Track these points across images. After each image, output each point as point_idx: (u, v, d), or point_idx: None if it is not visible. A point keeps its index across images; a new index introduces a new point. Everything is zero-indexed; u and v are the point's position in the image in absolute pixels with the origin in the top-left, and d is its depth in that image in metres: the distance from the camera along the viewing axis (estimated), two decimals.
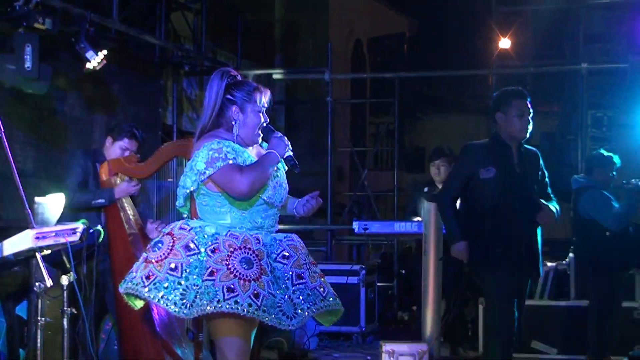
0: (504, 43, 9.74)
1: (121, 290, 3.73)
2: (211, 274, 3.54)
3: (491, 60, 10.13)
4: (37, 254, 4.54)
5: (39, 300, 4.79)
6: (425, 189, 7.62)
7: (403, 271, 10.85)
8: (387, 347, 7.41)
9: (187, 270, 3.58)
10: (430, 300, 7.39)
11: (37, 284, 4.53)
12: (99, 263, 5.37)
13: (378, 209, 12.65)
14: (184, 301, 3.52)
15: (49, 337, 5.34)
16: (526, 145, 5.55)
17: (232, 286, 3.50)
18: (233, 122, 3.82)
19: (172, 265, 3.58)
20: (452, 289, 7.52)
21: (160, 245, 3.67)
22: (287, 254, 3.74)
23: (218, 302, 3.48)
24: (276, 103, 13.05)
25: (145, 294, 3.58)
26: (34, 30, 6.56)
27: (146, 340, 5.55)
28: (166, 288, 3.54)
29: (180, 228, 3.70)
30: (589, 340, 7.16)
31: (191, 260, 3.60)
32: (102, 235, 5.28)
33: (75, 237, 4.72)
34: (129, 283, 3.66)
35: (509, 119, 5.36)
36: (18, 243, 4.48)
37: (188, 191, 3.79)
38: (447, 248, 7.54)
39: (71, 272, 4.75)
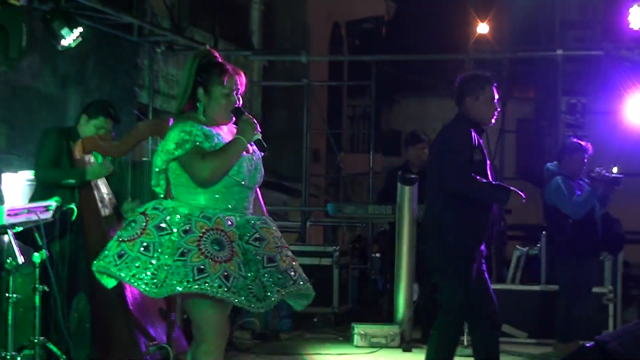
0: (482, 28, 9.76)
1: (93, 268, 3.73)
2: (182, 254, 3.55)
3: (468, 45, 10.15)
4: (9, 230, 4.53)
5: (11, 277, 4.78)
6: (400, 172, 7.65)
7: (377, 254, 10.90)
8: (359, 328, 7.47)
9: (159, 250, 3.59)
10: (403, 283, 7.44)
11: (8, 260, 4.53)
12: (72, 241, 5.34)
13: (353, 192, 12.70)
14: (155, 281, 3.55)
15: (20, 314, 5.34)
16: None
17: (203, 267, 3.52)
18: (197, 104, 3.84)
19: (145, 245, 3.60)
20: (425, 272, 7.57)
21: (133, 224, 3.68)
22: (259, 236, 3.75)
23: (188, 282, 3.49)
24: (253, 84, 13.04)
25: (117, 273, 3.60)
26: (9, 6, 6.49)
27: (118, 319, 5.55)
28: (137, 267, 3.57)
29: (154, 208, 3.70)
30: (557, 324, 7.25)
31: (163, 240, 3.61)
32: (75, 213, 5.25)
33: (48, 215, 4.72)
34: (102, 262, 3.68)
35: (480, 104, 5.24)
36: None
37: (158, 170, 3.80)
38: (420, 234, 7.61)
39: (43, 250, 4.74)
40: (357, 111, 16.76)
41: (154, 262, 3.57)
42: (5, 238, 5.93)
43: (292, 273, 3.76)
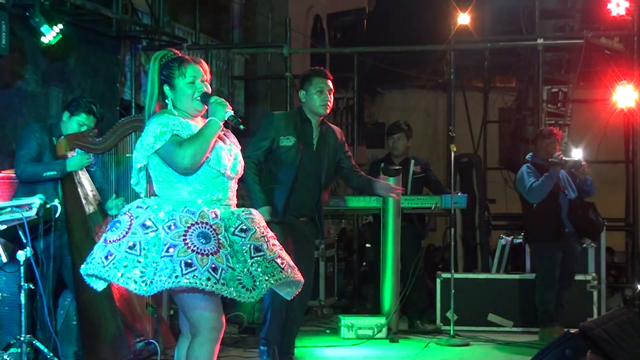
0: (463, 19, 9.75)
1: (82, 272, 3.74)
2: (168, 250, 3.56)
3: (450, 36, 10.16)
4: None
5: None
6: (382, 165, 7.67)
7: (368, 245, 10.88)
8: (346, 320, 7.49)
9: (146, 248, 3.60)
10: (389, 274, 7.46)
11: None
12: (57, 238, 5.33)
13: (337, 184, 12.68)
14: (144, 279, 3.55)
15: (6, 313, 5.33)
16: (329, 123, 5.95)
17: (190, 261, 3.52)
18: (166, 100, 3.89)
19: (131, 244, 3.61)
20: (410, 263, 7.60)
21: (118, 224, 3.69)
22: (245, 227, 3.77)
23: (176, 277, 3.49)
24: (235, 78, 13.00)
25: (105, 274, 3.61)
26: None
27: (105, 315, 5.54)
28: (125, 267, 3.58)
29: (137, 207, 3.72)
30: (538, 310, 7.35)
31: (149, 237, 3.62)
32: (59, 210, 5.23)
33: (32, 212, 4.70)
34: (89, 265, 3.68)
35: (309, 96, 5.74)
36: None
37: (139, 166, 3.81)
38: (405, 223, 7.64)
39: (28, 247, 4.72)
40: (340, 104, 16.74)
41: (141, 260, 3.58)
42: None
43: (280, 261, 3.78)
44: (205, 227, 3.64)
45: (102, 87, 8.96)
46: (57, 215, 5.19)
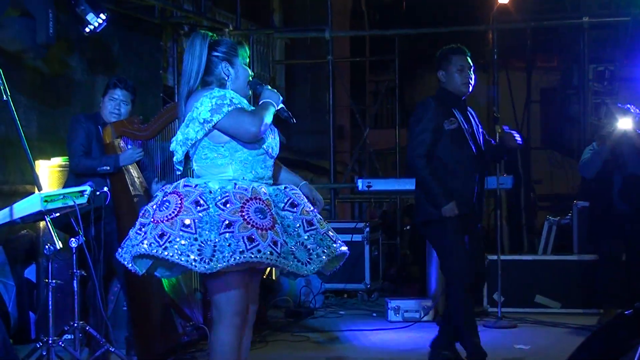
0: None
1: (126, 255, 3.63)
2: (228, 225, 3.52)
3: (490, 16, 10.06)
4: (45, 217, 4.56)
5: (49, 263, 4.82)
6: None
7: (407, 227, 10.87)
8: (392, 303, 7.49)
9: (200, 226, 3.55)
10: (435, 256, 7.44)
11: (47, 246, 4.56)
12: (106, 225, 5.38)
13: (379, 167, 12.67)
14: (202, 257, 3.48)
15: (60, 300, 5.40)
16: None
17: (252, 236, 3.50)
18: (226, 77, 3.85)
19: (187, 222, 3.55)
20: None
21: (167, 204, 3.62)
22: (294, 202, 3.76)
23: (241, 252, 3.46)
24: (277, 63, 12.99)
25: (162, 253, 3.50)
26: None
27: (155, 300, 5.60)
28: (183, 245, 3.50)
29: (185, 185, 3.67)
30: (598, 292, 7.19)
31: (202, 215, 3.57)
32: (108, 197, 5.29)
33: (83, 200, 4.74)
34: (141, 246, 3.55)
35: (449, 75, 5.46)
36: (28, 207, 4.50)
37: (192, 142, 3.74)
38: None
39: (80, 234, 4.78)
40: (381, 86, 16.65)
41: (197, 238, 3.51)
42: (42, 225, 6.03)
43: (331, 234, 3.77)
44: (259, 203, 3.61)
45: (146, 73, 9.00)
46: (107, 202, 5.24)
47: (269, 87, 3.91)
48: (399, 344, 6.53)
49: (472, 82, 5.47)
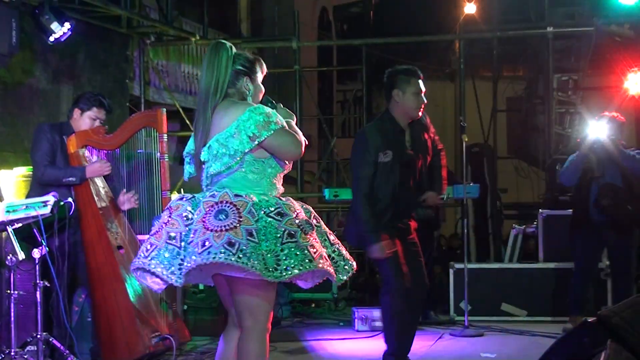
0: (470, 8, 9.73)
1: (192, 262, 3.47)
2: (290, 235, 3.53)
3: (457, 26, 10.13)
4: (7, 227, 4.52)
5: (12, 274, 4.77)
6: None
7: None
8: (360, 312, 7.49)
9: (258, 237, 3.52)
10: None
11: (9, 257, 4.52)
12: (71, 236, 5.33)
13: (347, 177, 12.69)
14: (266, 266, 3.46)
15: (22, 311, 5.34)
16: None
17: (312, 246, 3.56)
18: (247, 92, 3.84)
19: (252, 232, 3.50)
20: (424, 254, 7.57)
21: (225, 214, 3.53)
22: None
23: (310, 261, 3.50)
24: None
25: (235, 261, 3.40)
26: None
27: (120, 311, 5.55)
28: (251, 254, 3.44)
29: (236, 196, 3.60)
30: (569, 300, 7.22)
31: (258, 226, 3.54)
32: (72, 207, 5.24)
33: (46, 210, 4.70)
34: (220, 253, 3.41)
35: (405, 96, 5.33)
36: None
37: (241, 155, 3.65)
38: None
39: (43, 245, 4.73)
40: (348, 95, 16.71)
41: (259, 248, 3.48)
42: (4, 235, 5.96)
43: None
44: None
45: (112, 83, 8.97)
46: (71, 212, 5.19)
47: (282, 106, 3.91)
48: (365, 353, 6.52)
49: (423, 107, 5.40)
